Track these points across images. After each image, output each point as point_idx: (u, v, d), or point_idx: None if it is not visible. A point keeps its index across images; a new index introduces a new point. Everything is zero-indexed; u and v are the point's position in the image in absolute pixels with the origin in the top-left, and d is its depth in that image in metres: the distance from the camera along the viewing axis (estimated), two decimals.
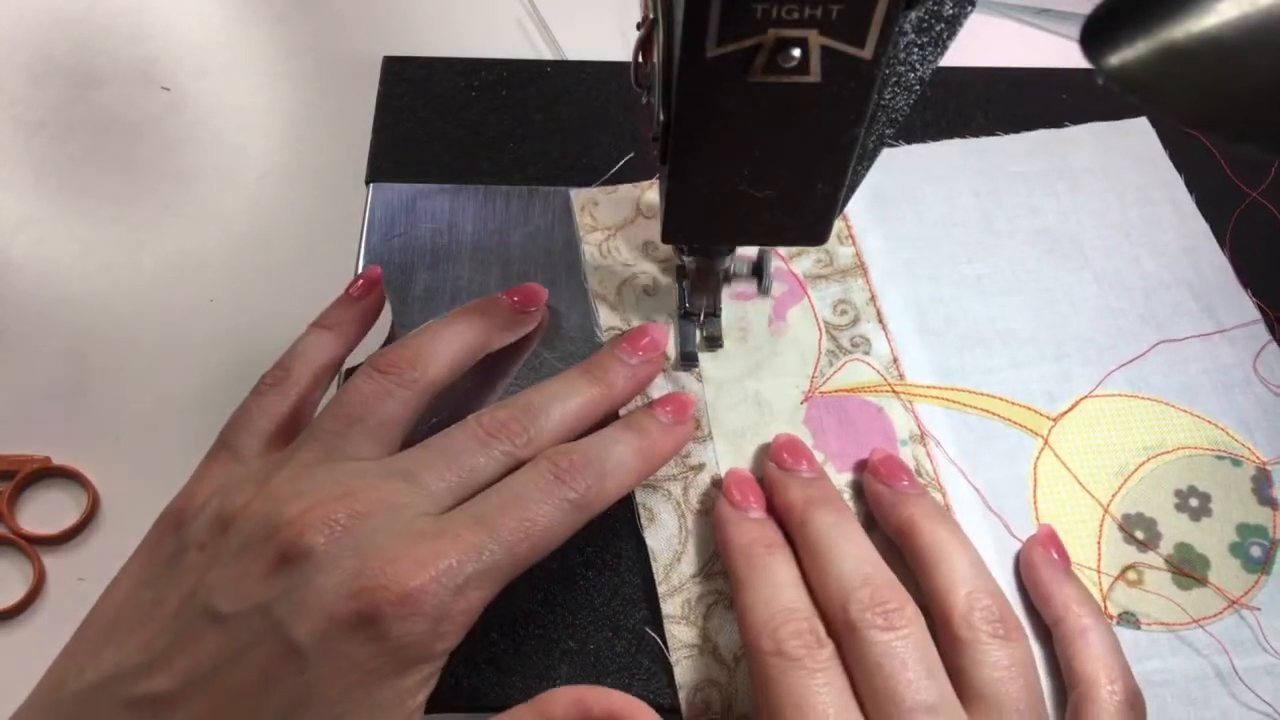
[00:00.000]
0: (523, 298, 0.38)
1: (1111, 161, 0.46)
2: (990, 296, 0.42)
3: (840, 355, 0.41)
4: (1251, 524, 0.38)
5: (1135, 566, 0.37)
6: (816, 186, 0.30)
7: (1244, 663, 0.35)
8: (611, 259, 0.42)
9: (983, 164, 0.46)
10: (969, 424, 0.39)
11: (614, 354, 0.37)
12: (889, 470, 0.36)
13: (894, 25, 0.24)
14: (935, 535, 0.34)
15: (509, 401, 0.34)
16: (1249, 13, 0.20)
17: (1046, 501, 0.38)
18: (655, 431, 0.35)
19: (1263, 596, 0.36)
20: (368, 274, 0.39)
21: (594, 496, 0.32)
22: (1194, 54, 0.20)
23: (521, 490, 0.31)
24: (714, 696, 0.34)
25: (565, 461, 0.32)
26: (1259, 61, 0.20)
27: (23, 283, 0.49)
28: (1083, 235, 0.44)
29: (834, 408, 0.39)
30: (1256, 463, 0.39)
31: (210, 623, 0.28)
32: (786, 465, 0.36)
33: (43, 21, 0.58)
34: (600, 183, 0.44)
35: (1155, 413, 0.40)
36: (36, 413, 0.46)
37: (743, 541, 0.34)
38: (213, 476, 0.33)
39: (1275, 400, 0.40)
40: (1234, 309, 0.42)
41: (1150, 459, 0.39)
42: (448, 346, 0.35)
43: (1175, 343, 0.41)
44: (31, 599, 0.42)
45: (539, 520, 0.30)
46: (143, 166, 0.53)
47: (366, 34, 0.59)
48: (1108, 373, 0.41)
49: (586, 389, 0.35)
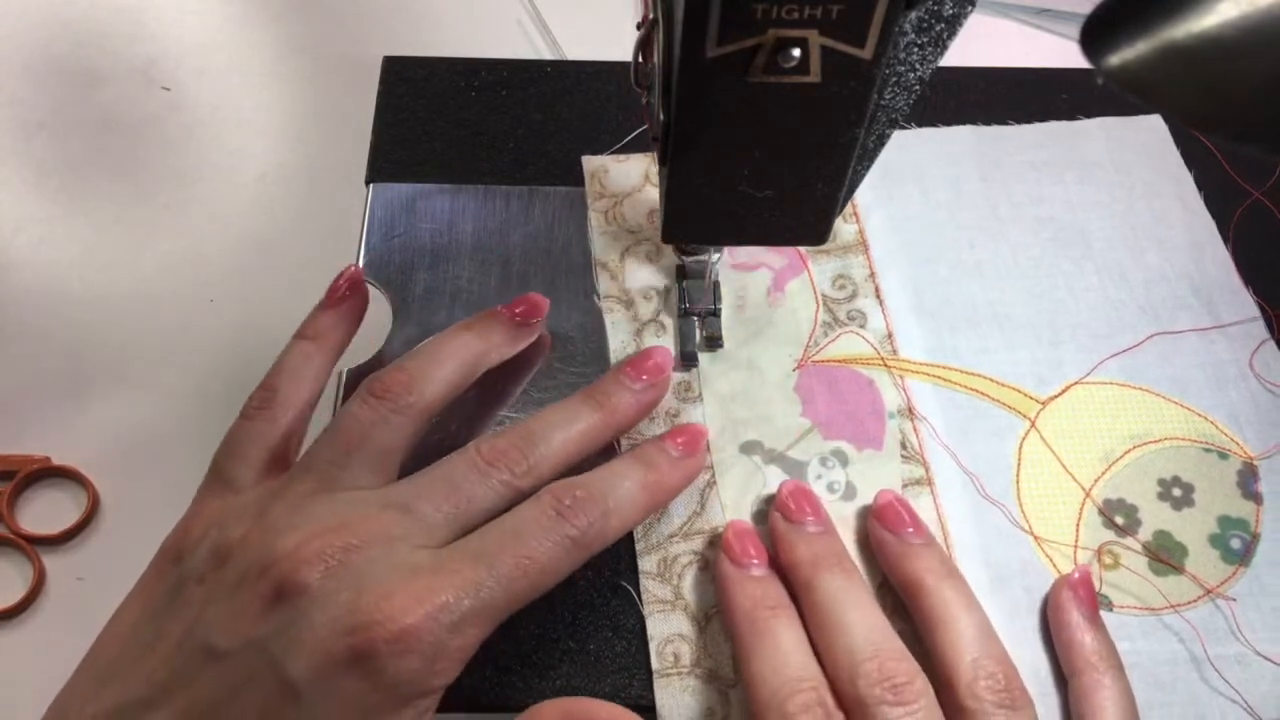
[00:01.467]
0: (525, 309, 0.38)
1: (1122, 155, 0.46)
2: (989, 281, 0.43)
3: (835, 327, 0.41)
4: (1234, 517, 0.38)
5: (1110, 549, 0.37)
6: (816, 186, 0.30)
7: (1215, 651, 0.35)
8: (616, 226, 0.43)
9: (993, 150, 0.46)
10: (957, 402, 0.40)
11: (618, 379, 0.36)
12: (893, 517, 0.35)
13: (894, 25, 0.24)
14: (941, 594, 0.33)
15: (509, 429, 0.34)
16: (1249, 13, 0.20)
17: (1029, 482, 0.38)
18: (664, 466, 0.34)
19: (1239, 588, 0.37)
20: (350, 274, 0.38)
21: (595, 534, 0.31)
22: (1194, 54, 0.20)
23: (522, 527, 0.30)
24: (683, 650, 0.34)
25: (568, 498, 0.31)
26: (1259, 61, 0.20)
27: (23, 283, 0.49)
28: (1087, 226, 0.44)
29: (824, 377, 0.40)
30: (1244, 457, 0.39)
31: (209, 659, 0.28)
32: (792, 517, 0.35)
33: (43, 21, 0.58)
34: (612, 151, 0.45)
35: (1145, 402, 0.40)
36: (36, 413, 0.46)
37: (747, 605, 0.33)
38: (209, 508, 0.33)
39: (1269, 396, 0.40)
40: (1234, 306, 0.42)
41: (1136, 447, 0.39)
42: (443, 368, 0.35)
43: (1171, 335, 0.42)
44: (31, 599, 0.42)
45: (538, 558, 0.30)
46: (143, 166, 0.53)
47: (366, 34, 0.59)
48: (1101, 360, 0.41)
49: (589, 415, 0.34)
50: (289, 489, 0.32)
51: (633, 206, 0.43)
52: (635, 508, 0.33)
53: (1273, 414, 0.40)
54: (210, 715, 0.28)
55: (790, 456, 0.38)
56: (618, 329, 0.41)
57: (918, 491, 0.37)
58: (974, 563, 0.36)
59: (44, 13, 0.58)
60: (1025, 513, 0.38)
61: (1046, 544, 0.37)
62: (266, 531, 0.30)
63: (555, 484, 0.32)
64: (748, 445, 0.38)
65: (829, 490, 0.37)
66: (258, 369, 0.36)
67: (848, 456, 0.38)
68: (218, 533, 0.31)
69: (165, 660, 0.29)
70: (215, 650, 0.28)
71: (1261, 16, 0.20)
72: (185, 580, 0.31)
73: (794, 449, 0.38)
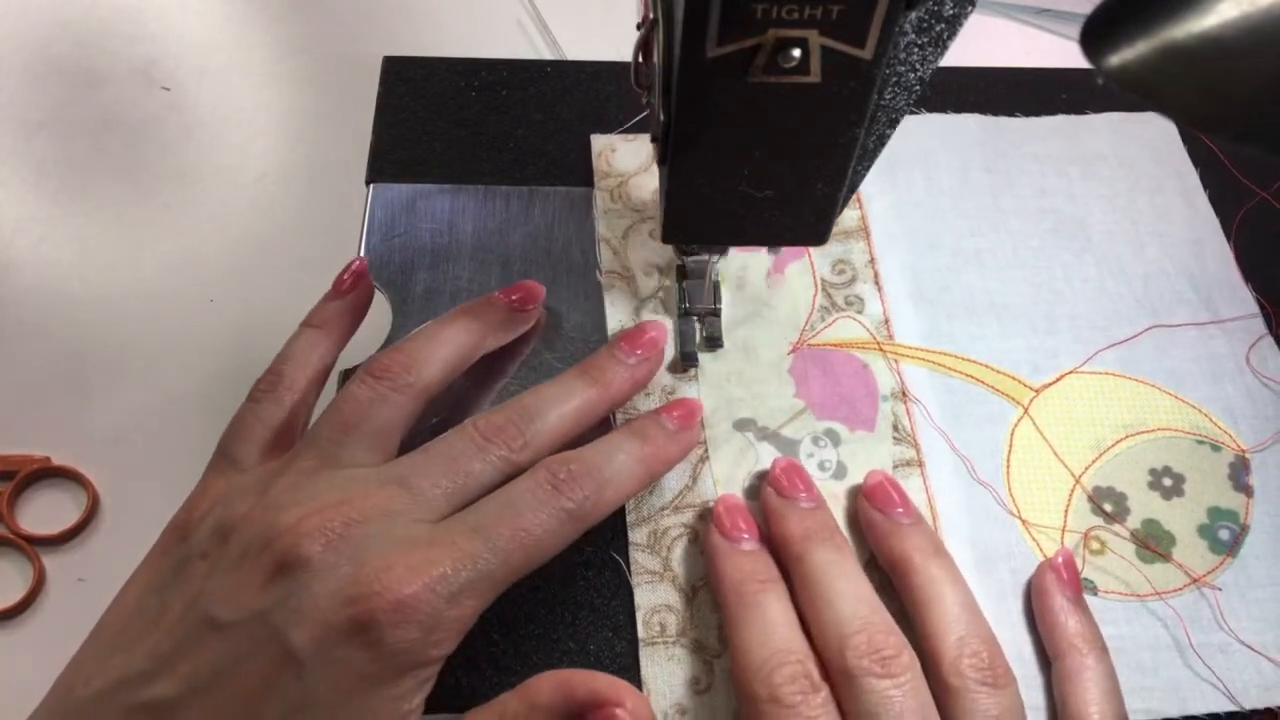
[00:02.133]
0: (522, 296, 0.38)
1: (1127, 150, 0.47)
2: (988, 270, 0.43)
3: (833, 311, 0.41)
4: (1224, 508, 0.38)
5: (1098, 535, 0.37)
6: (816, 186, 0.30)
7: (1199, 638, 0.36)
8: (621, 204, 0.43)
9: (998, 141, 0.46)
10: (951, 387, 0.40)
11: (612, 354, 0.37)
12: (883, 497, 0.36)
13: (894, 25, 0.24)
14: (928, 573, 0.33)
15: (506, 405, 0.34)
16: (1249, 13, 0.20)
17: (1019, 467, 0.39)
18: (660, 438, 0.35)
19: (1226, 578, 0.37)
20: (355, 267, 0.39)
21: (591, 506, 0.32)
22: (1194, 54, 0.20)
23: (518, 499, 0.31)
24: (670, 620, 0.35)
25: (564, 471, 0.32)
26: (1259, 61, 0.20)
27: (23, 283, 0.49)
28: (1089, 219, 0.45)
29: (819, 359, 0.40)
30: (1236, 450, 0.39)
31: (211, 630, 0.29)
32: (785, 492, 0.36)
33: (43, 21, 0.58)
34: (620, 131, 0.45)
35: (1139, 393, 0.40)
36: (36, 413, 0.46)
37: (736, 577, 0.33)
38: (214, 486, 0.34)
39: (1264, 391, 0.41)
40: (1234, 303, 0.43)
41: (1128, 436, 0.40)
42: (442, 349, 0.35)
43: (1169, 328, 0.42)
44: (31, 599, 0.42)
45: (534, 530, 0.30)
46: (143, 166, 0.53)
47: (366, 34, 0.59)
48: (1097, 350, 0.41)
49: (584, 390, 0.35)
50: (291, 467, 0.32)
51: (638, 186, 0.44)
52: (631, 480, 0.33)
53: (1267, 408, 0.40)
54: (213, 685, 0.28)
55: (783, 435, 0.39)
56: (617, 306, 0.41)
57: (908, 473, 0.38)
58: (961, 544, 0.37)
59: (44, 13, 0.58)
60: (1014, 497, 0.38)
61: (1034, 528, 0.37)
62: (269, 508, 0.30)
63: (551, 458, 0.32)
64: (741, 423, 0.39)
65: (820, 469, 0.38)
66: (258, 369, 0.36)
67: (840, 436, 0.39)
68: (222, 509, 0.32)
69: (169, 633, 0.29)
70: (217, 621, 0.29)
71: (1261, 16, 0.20)
72: (190, 556, 0.31)
73: (787, 428, 0.39)
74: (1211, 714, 0.35)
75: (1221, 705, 0.35)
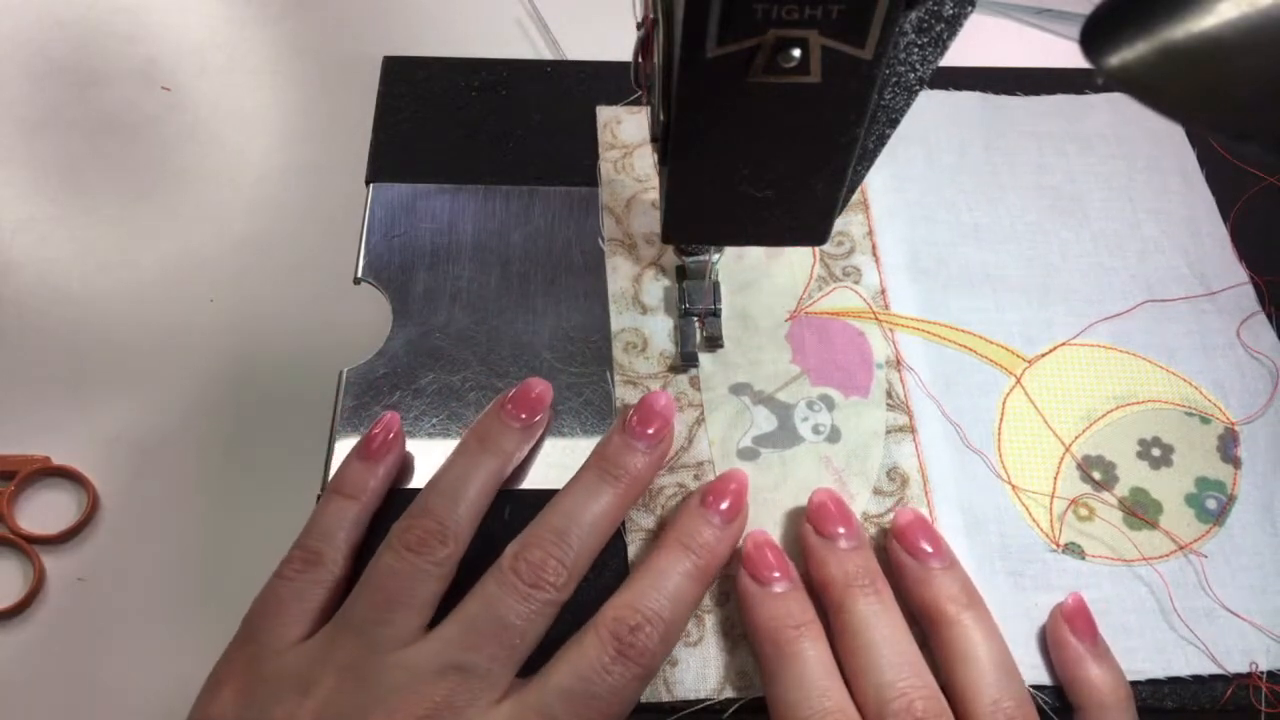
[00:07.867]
0: (529, 410, 0.36)
1: (1127, 130, 0.47)
2: (985, 244, 0.44)
3: (830, 281, 0.42)
4: (1211, 479, 0.39)
5: (1086, 501, 0.38)
6: (816, 186, 0.30)
7: (1184, 604, 0.36)
8: (625, 175, 0.44)
9: (999, 119, 0.47)
10: (945, 356, 0.41)
11: (626, 443, 0.35)
12: (913, 541, 0.34)
13: (894, 25, 0.24)
14: (962, 626, 0.32)
15: (537, 534, 0.33)
16: (1249, 13, 0.20)
17: (1010, 435, 0.39)
18: (711, 542, 0.34)
19: (1211, 546, 0.37)
20: (386, 422, 0.36)
21: (660, 654, 0.32)
22: (1194, 54, 0.20)
23: (590, 674, 0.30)
24: None
25: (627, 633, 0.31)
26: (1259, 61, 0.20)
27: (23, 283, 0.49)
28: (1087, 195, 0.45)
29: (816, 327, 0.41)
30: (1225, 422, 0.40)
31: None
32: (825, 532, 0.34)
33: (43, 21, 0.58)
34: (626, 102, 0.46)
35: (1131, 366, 0.41)
36: (36, 413, 0.46)
37: (771, 625, 0.32)
38: (239, 675, 0.32)
39: (1254, 365, 0.41)
40: (1227, 280, 0.43)
41: (1119, 407, 0.40)
42: (467, 502, 0.34)
43: (1162, 303, 0.42)
44: (31, 599, 0.42)
45: (613, 702, 0.30)
46: (143, 166, 0.53)
47: (366, 34, 0.59)
48: (1091, 323, 0.42)
49: (609, 491, 0.34)
50: (331, 656, 0.31)
51: (642, 157, 0.44)
52: (689, 602, 0.33)
53: (1257, 382, 0.41)
54: None
55: (778, 399, 0.39)
56: (619, 273, 0.42)
57: (900, 438, 0.38)
58: (951, 507, 0.37)
59: (43, 13, 0.58)
60: (1004, 463, 0.39)
61: (1023, 493, 0.38)
62: None
63: (612, 616, 0.31)
64: (737, 386, 0.39)
65: (814, 432, 0.38)
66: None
67: (834, 401, 0.39)
68: (258, 713, 0.30)
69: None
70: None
71: (1261, 16, 0.20)
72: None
73: (782, 392, 0.39)
74: (1195, 675, 0.35)
75: (1205, 667, 0.35)
